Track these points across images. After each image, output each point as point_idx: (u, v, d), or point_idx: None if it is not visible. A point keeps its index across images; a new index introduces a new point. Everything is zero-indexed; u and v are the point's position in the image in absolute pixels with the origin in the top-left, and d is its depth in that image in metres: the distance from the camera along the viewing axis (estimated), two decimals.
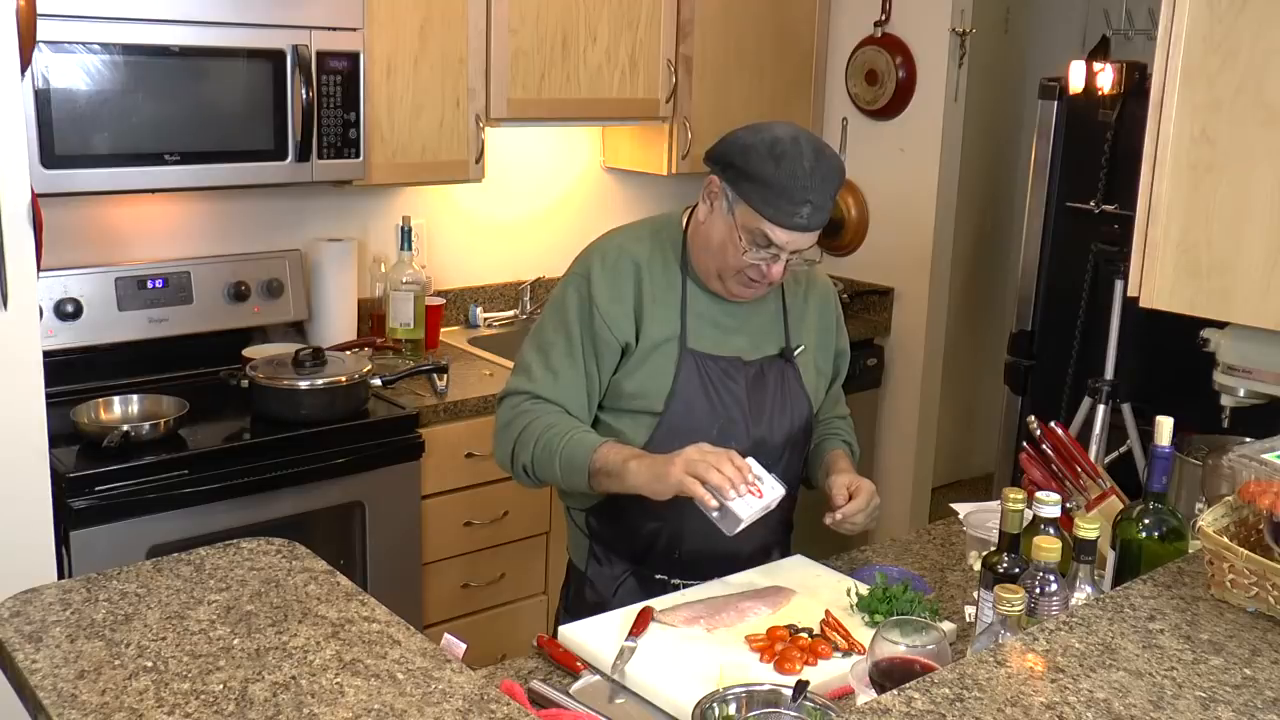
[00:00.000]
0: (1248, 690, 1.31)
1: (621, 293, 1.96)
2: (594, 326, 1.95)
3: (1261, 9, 1.86)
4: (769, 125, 1.88)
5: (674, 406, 1.95)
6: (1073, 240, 3.84)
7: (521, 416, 1.97)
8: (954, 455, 5.07)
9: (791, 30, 3.92)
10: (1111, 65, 3.66)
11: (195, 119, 2.67)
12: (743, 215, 1.86)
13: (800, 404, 2.04)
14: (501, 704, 1.28)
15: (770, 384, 2.01)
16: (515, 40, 3.20)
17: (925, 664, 1.44)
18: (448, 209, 3.55)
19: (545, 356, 1.98)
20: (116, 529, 2.41)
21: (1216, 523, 1.59)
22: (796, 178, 1.81)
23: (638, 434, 1.96)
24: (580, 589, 2.08)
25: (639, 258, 1.98)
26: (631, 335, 1.96)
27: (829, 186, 1.84)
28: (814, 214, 1.83)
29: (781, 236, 1.84)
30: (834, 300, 2.17)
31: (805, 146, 1.83)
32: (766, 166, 1.82)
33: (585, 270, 1.99)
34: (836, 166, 1.87)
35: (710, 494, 1.75)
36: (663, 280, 1.98)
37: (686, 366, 1.95)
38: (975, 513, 2.04)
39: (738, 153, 1.86)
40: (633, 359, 1.96)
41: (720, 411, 1.96)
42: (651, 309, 1.96)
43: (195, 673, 1.32)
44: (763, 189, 1.82)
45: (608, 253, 2.00)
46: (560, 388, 1.96)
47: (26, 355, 2.09)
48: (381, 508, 2.79)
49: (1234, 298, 1.95)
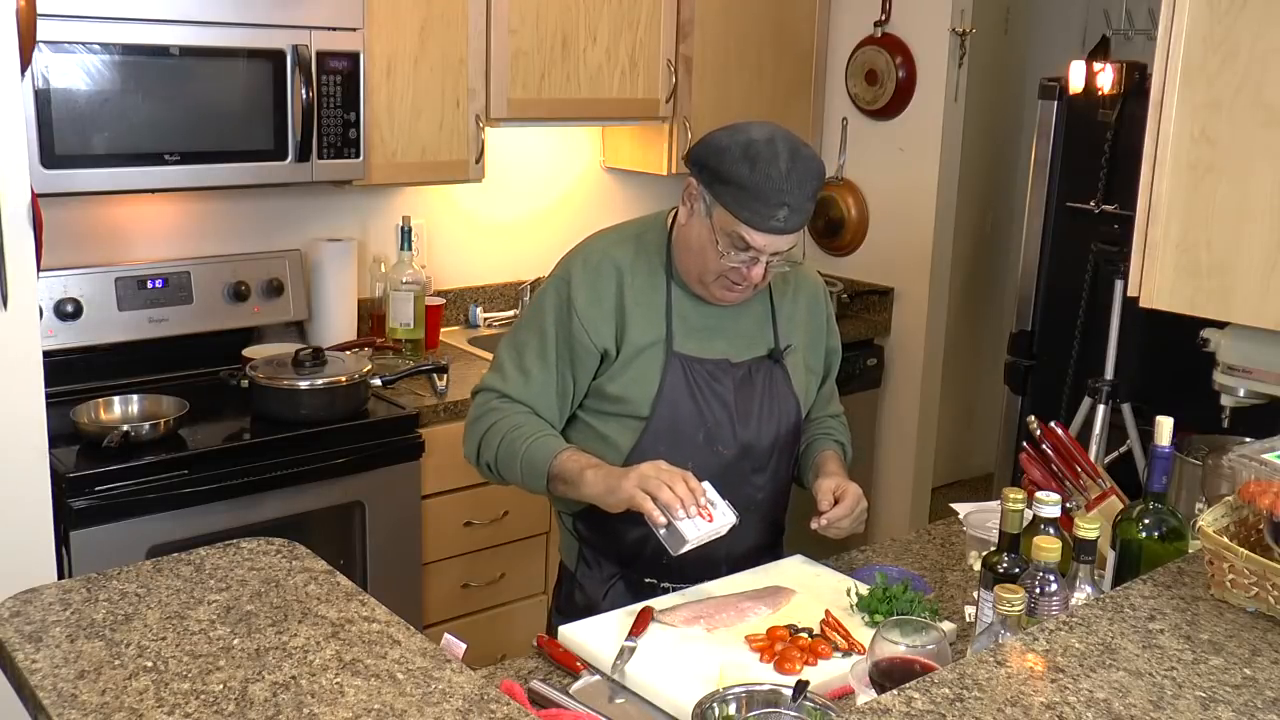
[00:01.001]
0: (1248, 690, 1.31)
1: (601, 297, 1.94)
2: (570, 329, 1.94)
3: (1261, 9, 1.86)
4: (745, 126, 1.85)
5: (660, 410, 1.93)
6: (1073, 240, 3.84)
7: (490, 414, 1.97)
8: (954, 455, 5.07)
9: (791, 30, 3.92)
10: (1111, 65, 3.66)
11: (195, 119, 2.67)
12: (720, 218, 1.83)
13: (789, 405, 2.03)
14: (501, 704, 1.28)
15: (758, 386, 2.00)
16: (515, 40, 3.20)
17: (925, 664, 1.44)
18: (448, 209, 3.55)
19: (519, 356, 1.98)
20: (116, 529, 2.41)
21: (1216, 523, 1.59)
22: (772, 180, 1.78)
23: (624, 438, 1.95)
24: (571, 591, 2.08)
25: (621, 262, 1.96)
26: (611, 340, 1.94)
27: (807, 188, 1.81)
28: (791, 216, 1.81)
29: (759, 240, 1.82)
30: (824, 297, 2.15)
31: (781, 147, 1.80)
32: (741, 169, 1.79)
33: (566, 273, 1.97)
34: (814, 167, 1.84)
35: (659, 511, 1.75)
36: (646, 284, 1.96)
37: (673, 370, 1.94)
38: (975, 513, 2.04)
39: (713, 155, 1.83)
40: (616, 364, 1.95)
41: (707, 415, 1.95)
42: (634, 313, 1.94)
43: (195, 673, 1.32)
44: (738, 192, 1.80)
45: (590, 256, 1.98)
46: (530, 388, 1.96)
47: (26, 355, 2.09)
48: (381, 508, 2.79)
49: (1234, 298, 1.95)
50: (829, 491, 1.93)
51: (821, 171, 1.86)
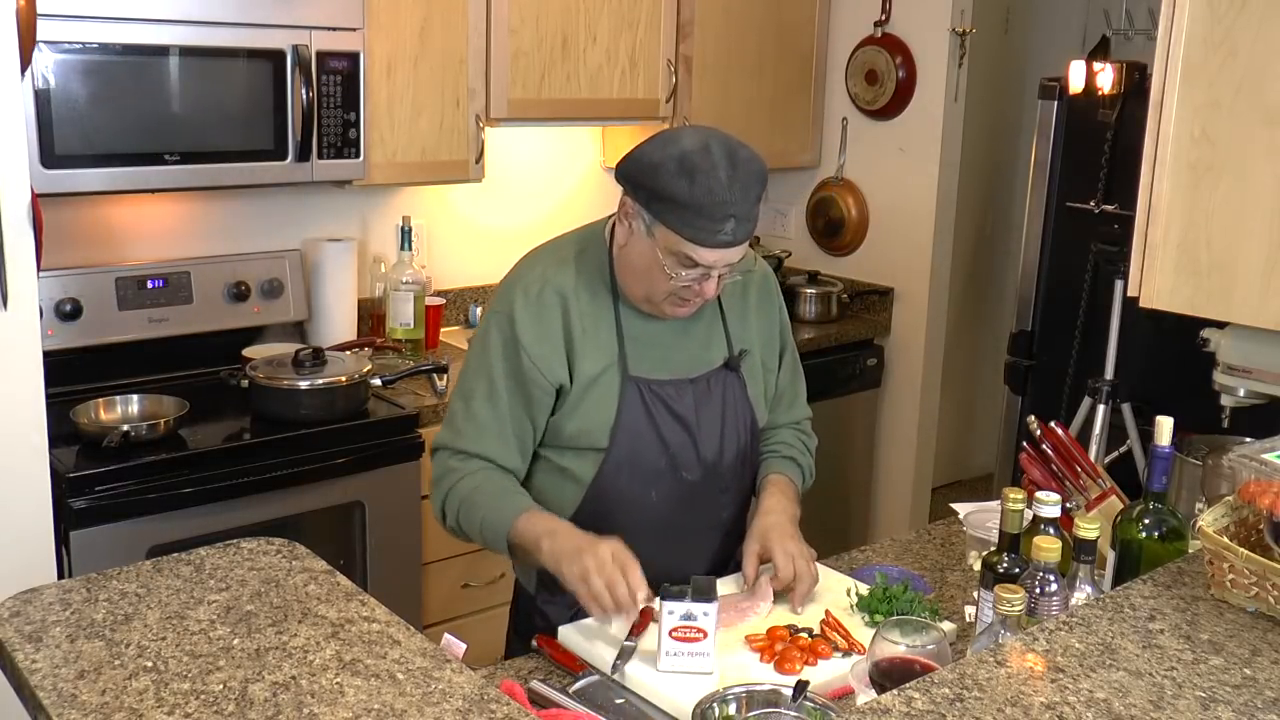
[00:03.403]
0: (1248, 690, 1.31)
1: (548, 330, 1.81)
2: (521, 368, 1.81)
3: (1261, 9, 1.86)
4: (675, 136, 1.73)
5: (619, 439, 1.83)
6: (1073, 240, 3.84)
7: (448, 475, 1.86)
8: (954, 455, 5.07)
9: (791, 30, 3.92)
10: (1111, 65, 3.66)
11: (195, 119, 2.67)
12: (663, 237, 1.71)
13: (747, 416, 1.94)
14: (501, 704, 1.28)
15: (717, 399, 1.90)
16: (515, 40, 3.20)
17: (925, 664, 1.44)
18: (448, 209, 3.55)
19: (467, 405, 1.86)
20: (116, 529, 2.41)
21: (1216, 523, 1.59)
22: (714, 193, 1.65)
23: (584, 470, 1.85)
24: (530, 616, 1.97)
25: (564, 288, 1.83)
26: (564, 374, 1.82)
27: (751, 195, 1.69)
28: (739, 227, 1.68)
29: (708, 256, 1.70)
30: (772, 282, 2.02)
31: (718, 155, 1.67)
32: (679, 185, 1.66)
33: (508, 308, 1.83)
34: (756, 170, 1.70)
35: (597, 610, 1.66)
36: (591, 309, 1.83)
37: (629, 395, 1.83)
38: (975, 513, 2.04)
39: (646, 172, 1.70)
40: (569, 399, 1.83)
41: (668, 439, 1.85)
42: (583, 342, 1.82)
43: (195, 673, 1.32)
44: (679, 210, 1.67)
45: (529, 286, 1.84)
46: (483, 439, 1.84)
47: (26, 355, 2.09)
48: (381, 508, 2.79)
49: (1234, 298, 1.95)
50: (751, 566, 1.83)
51: (763, 172, 1.73)
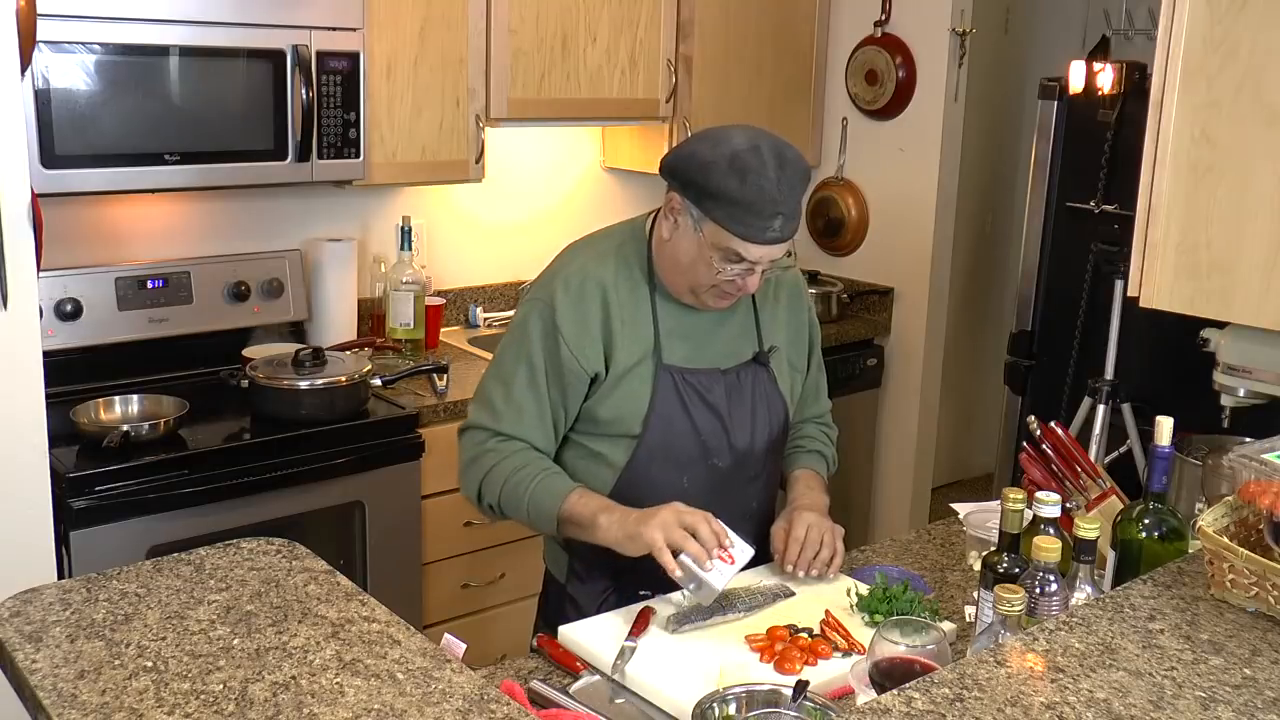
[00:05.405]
0: (1248, 690, 1.31)
1: (588, 322, 1.88)
2: (559, 357, 1.88)
3: (1261, 9, 1.86)
4: (724, 135, 1.78)
5: (653, 425, 1.89)
6: (1073, 240, 3.84)
7: (487, 455, 1.91)
8: (954, 455, 5.08)
9: (791, 30, 3.92)
10: (1111, 65, 3.66)
11: (195, 119, 2.67)
12: (711, 233, 1.77)
13: (777, 408, 2.00)
14: (501, 704, 1.28)
15: (747, 391, 1.96)
16: (515, 40, 3.20)
17: (925, 664, 1.44)
18: (448, 209, 3.55)
19: (507, 389, 1.91)
20: (116, 529, 2.41)
21: (1216, 523, 1.59)
22: (764, 191, 1.72)
23: (616, 456, 1.92)
24: (561, 604, 2.02)
25: (604, 281, 1.90)
26: (600, 364, 1.89)
27: (797, 193, 1.77)
28: (786, 224, 1.76)
29: (755, 252, 1.77)
30: (802, 287, 2.10)
31: (767, 155, 1.74)
32: (730, 183, 1.72)
33: (548, 296, 1.90)
34: (801, 169, 1.79)
35: (683, 564, 1.71)
36: (630, 301, 1.90)
37: (663, 384, 1.89)
38: (975, 513, 2.04)
39: (697, 170, 1.76)
40: (604, 386, 1.89)
41: (700, 428, 1.91)
42: (621, 333, 1.89)
43: (195, 673, 1.32)
44: (729, 207, 1.74)
45: (570, 278, 1.90)
46: (524, 422, 1.90)
47: (26, 355, 2.09)
48: (381, 508, 2.79)
49: (1234, 298, 1.95)
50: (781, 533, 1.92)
51: (808, 171, 1.82)
